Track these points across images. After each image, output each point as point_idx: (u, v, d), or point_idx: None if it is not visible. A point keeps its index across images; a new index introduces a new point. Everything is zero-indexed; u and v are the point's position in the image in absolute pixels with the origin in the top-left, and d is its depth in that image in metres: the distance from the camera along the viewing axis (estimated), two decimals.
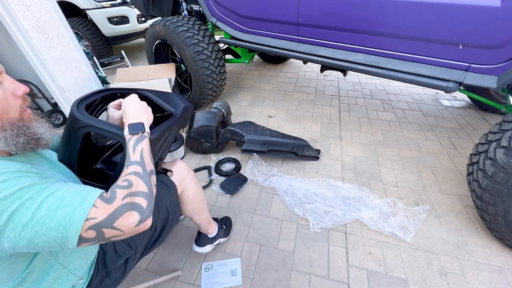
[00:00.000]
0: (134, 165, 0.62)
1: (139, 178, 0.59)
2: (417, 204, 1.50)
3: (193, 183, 1.02)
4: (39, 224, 0.47)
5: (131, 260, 0.82)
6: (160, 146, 0.85)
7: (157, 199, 0.87)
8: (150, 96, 0.95)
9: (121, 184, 0.57)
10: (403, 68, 1.49)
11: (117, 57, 3.44)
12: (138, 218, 0.54)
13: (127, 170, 0.61)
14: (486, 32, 1.20)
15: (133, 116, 0.72)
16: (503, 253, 1.24)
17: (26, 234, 0.47)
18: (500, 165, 1.08)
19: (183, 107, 0.92)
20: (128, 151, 0.65)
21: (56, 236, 0.48)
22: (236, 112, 2.52)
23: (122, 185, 0.56)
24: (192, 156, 1.95)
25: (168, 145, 0.94)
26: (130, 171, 0.60)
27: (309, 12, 1.70)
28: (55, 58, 1.75)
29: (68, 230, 0.48)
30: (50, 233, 0.48)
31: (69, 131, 0.73)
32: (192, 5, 2.44)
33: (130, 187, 0.57)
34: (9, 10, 1.50)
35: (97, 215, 0.50)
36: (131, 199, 0.55)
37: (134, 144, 0.66)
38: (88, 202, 0.51)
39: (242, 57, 2.55)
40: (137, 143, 0.66)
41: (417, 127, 2.23)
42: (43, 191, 0.49)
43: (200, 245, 1.21)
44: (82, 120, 0.71)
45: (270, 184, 1.65)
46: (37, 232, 0.47)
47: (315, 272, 1.19)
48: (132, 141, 0.66)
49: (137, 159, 0.63)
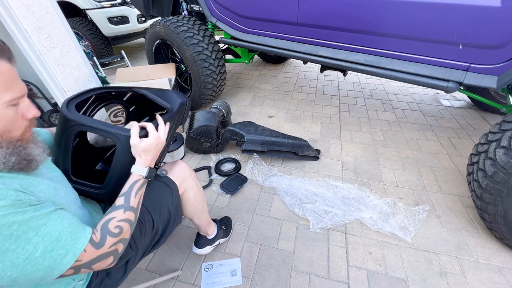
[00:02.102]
0: (130, 211, 0.66)
1: (129, 226, 0.65)
2: (417, 204, 1.50)
3: (194, 184, 1.02)
4: (30, 265, 0.47)
5: (132, 261, 0.81)
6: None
7: (159, 200, 0.87)
8: (146, 94, 0.93)
9: (113, 231, 0.61)
10: (403, 68, 1.49)
11: (117, 57, 3.43)
12: (111, 262, 0.61)
13: (123, 215, 0.64)
14: (486, 32, 1.20)
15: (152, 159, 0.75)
16: (503, 253, 1.24)
17: (12, 273, 0.46)
18: (500, 165, 1.08)
19: (179, 102, 0.91)
20: (130, 191, 0.69)
21: (41, 275, 0.49)
22: (236, 112, 2.52)
23: (113, 232, 0.61)
24: (192, 156, 1.95)
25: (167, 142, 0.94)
26: (125, 217, 0.64)
27: (309, 12, 1.70)
28: (55, 58, 1.76)
29: (55, 270, 0.50)
30: (37, 273, 0.48)
31: (60, 131, 0.72)
32: (192, 5, 2.44)
33: (120, 235, 0.62)
34: (9, 10, 1.50)
35: (83, 258, 0.54)
36: (115, 246, 0.61)
37: (139, 188, 0.71)
38: (80, 246, 0.54)
39: (242, 57, 2.55)
40: (141, 187, 0.72)
41: (417, 127, 2.23)
42: (40, 228, 0.49)
43: (200, 247, 1.21)
44: (72, 119, 0.69)
45: (270, 184, 1.65)
46: (25, 271, 0.47)
47: (315, 272, 1.19)
48: (139, 184, 0.71)
49: (134, 205, 0.68)
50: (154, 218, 0.85)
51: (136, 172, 0.72)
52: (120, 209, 0.65)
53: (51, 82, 1.78)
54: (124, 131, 0.72)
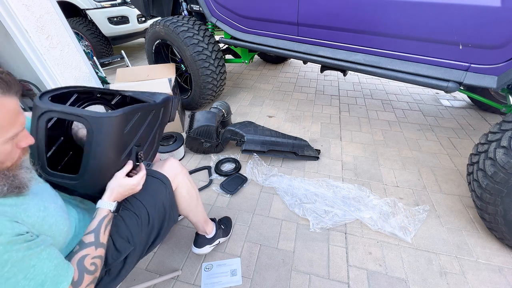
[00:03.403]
0: (101, 248, 0.67)
1: (101, 262, 0.67)
2: (417, 204, 1.50)
3: (186, 180, 1.02)
4: None
5: (130, 258, 0.81)
6: (133, 129, 0.80)
7: (154, 195, 0.88)
8: (131, 94, 0.93)
9: (89, 269, 0.63)
10: (403, 68, 1.49)
11: (117, 57, 3.44)
12: None
13: (95, 252, 0.65)
14: (486, 32, 1.20)
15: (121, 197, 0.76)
16: (503, 253, 1.24)
17: None
18: (500, 165, 1.08)
19: (164, 96, 0.92)
20: (99, 228, 0.68)
21: None
22: (236, 112, 2.52)
23: (90, 270, 0.63)
24: (192, 156, 1.95)
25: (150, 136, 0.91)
26: (97, 254, 0.66)
27: (309, 12, 1.70)
28: (55, 58, 1.75)
29: None
30: None
31: (32, 122, 0.71)
32: (192, 5, 2.44)
33: (95, 272, 0.64)
34: (9, 10, 1.50)
35: None
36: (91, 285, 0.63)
37: (107, 223, 0.71)
38: None
39: (242, 57, 2.55)
40: (109, 222, 0.72)
41: (417, 127, 2.23)
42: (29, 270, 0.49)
43: (199, 246, 1.21)
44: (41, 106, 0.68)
45: (270, 184, 1.65)
46: None
47: (315, 272, 1.19)
48: (107, 219, 0.71)
49: (104, 241, 0.69)
50: (149, 212, 0.85)
51: (105, 207, 0.72)
52: (91, 246, 0.65)
53: (51, 82, 1.78)
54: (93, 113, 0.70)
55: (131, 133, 0.79)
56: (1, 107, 0.48)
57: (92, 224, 0.69)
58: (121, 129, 0.74)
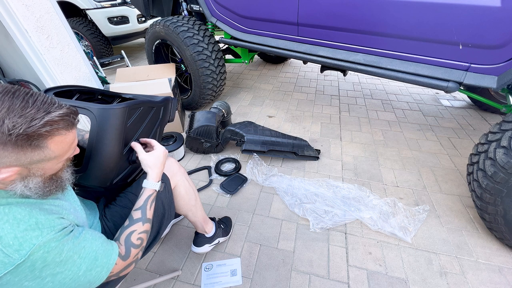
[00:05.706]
0: (148, 223, 0.75)
1: (147, 235, 0.74)
2: (417, 204, 1.50)
3: (184, 179, 1.03)
4: (74, 283, 0.55)
5: None
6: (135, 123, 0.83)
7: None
8: (131, 97, 0.97)
9: (136, 243, 0.70)
10: (403, 68, 1.49)
11: (117, 57, 3.44)
12: (133, 267, 0.70)
13: (142, 227, 0.73)
14: (486, 32, 1.20)
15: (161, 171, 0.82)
16: (503, 253, 1.24)
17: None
18: (500, 165, 1.08)
19: (164, 97, 0.96)
20: (146, 205, 0.76)
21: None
22: (236, 112, 2.52)
23: (136, 244, 0.70)
24: (192, 156, 1.95)
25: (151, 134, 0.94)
26: (144, 229, 0.73)
27: (309, 12, 1.70)
28: (55, 58, 1.75)
29: (93, 284, 0.59)
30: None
31: None
32: (192, 5, 2.44)
33: (141, 245, 0.71)
34: (9, 10, 1.50)
35: (114, 270, 0.64)
36: (137, 255, 0.70)
37: (152, 201, 0.78)
38: (112, 262, 0.62)
39: (242, 57, 2.55)
40: (154, 200, 0.78)
41: (417, 127, 2.23)
42: (81, 251, 0.56)
43: (198, 245, 1.21)
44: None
45: (270, 184, 1.65)
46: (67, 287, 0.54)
47: (315, 272, 1.19)
48: (152, 197, 0.78)
49: (150, 217, 0.76)
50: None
51: (150, 187, 0.78)
52: (139, 222, 0.72)
53: (51, 82, 1.78)
54: (98, 105, 0.73)
55: (133, 128, 0.83)
56: (63, 141, 0.55)
57: (139, 202, 0.76)
58: (124, 121, 0.77)
